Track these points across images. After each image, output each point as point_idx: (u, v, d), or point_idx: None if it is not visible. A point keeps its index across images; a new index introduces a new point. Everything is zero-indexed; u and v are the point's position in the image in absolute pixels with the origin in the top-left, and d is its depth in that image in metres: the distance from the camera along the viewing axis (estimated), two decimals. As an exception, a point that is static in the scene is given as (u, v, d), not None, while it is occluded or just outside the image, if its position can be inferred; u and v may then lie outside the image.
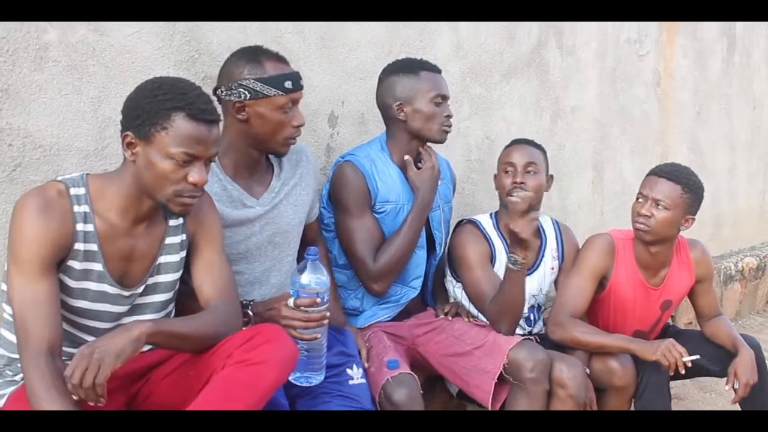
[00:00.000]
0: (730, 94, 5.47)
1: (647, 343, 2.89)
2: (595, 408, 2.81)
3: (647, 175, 3.02)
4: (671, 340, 2.83)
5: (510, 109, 3.91)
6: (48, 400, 1.82)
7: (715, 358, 3.03)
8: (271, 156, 2.57)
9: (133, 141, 2.00)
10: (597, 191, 4.49)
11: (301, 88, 2.44)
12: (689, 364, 2.82)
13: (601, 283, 3.07)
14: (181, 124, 1.97)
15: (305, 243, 2.62)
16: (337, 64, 3.13)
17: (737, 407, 3.03)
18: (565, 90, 4.20)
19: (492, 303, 2.83)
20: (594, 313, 3.10)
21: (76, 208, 2.01)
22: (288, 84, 2.38)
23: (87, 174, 2.08)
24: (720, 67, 5.33)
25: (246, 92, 2.36)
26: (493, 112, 3.83)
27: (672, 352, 2.79)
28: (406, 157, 2.84)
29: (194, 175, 2.02)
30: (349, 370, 2.54)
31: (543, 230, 3.12)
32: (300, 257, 2.54)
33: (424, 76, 2.84)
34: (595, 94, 4.41)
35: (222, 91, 2.40)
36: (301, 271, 2.22)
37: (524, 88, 3.98)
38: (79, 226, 2.01)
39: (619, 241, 3.08)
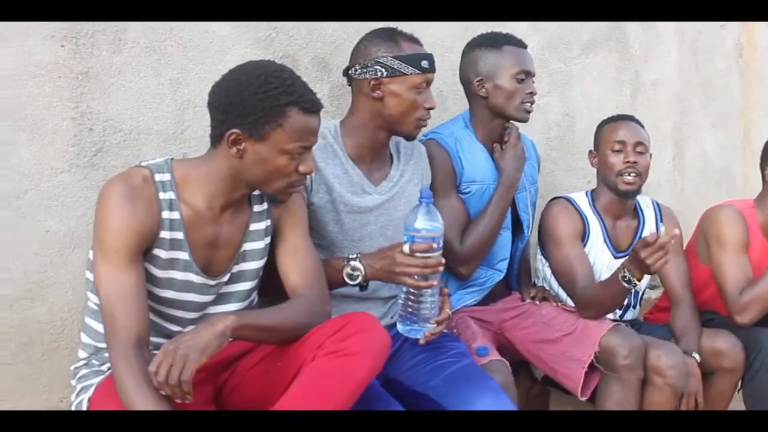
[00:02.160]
0: (816, 65, 5.24)
1: None
2: (701, 398, 2.69)
3: None
4: None
5: (590, 84, 3.77)
6: (138, 394, 1.76)
7: None
8: (390, 145, 2.53)
9: (240, 138, 1.92)
10: (677, 168, 4.31)
11: (435, 70, 2.43)
12: None
13: None
14: (296, 120, 1.93)
15: None
16: (414, 39, 3.03)
17: None
18: (645, 63, 4.04)
19: (586, 291, 2.72)
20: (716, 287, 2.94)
21: (161, 195, 1.94)
22: (424, 63, 2.38)
23: (171, 159, 2.02)
24: (805, 37, 5.10)
25: (383, 69, 2.34)
26: (572, 87, 3.70)
27: None
28: (495, 145, 2.76)
29: (305, 165, 2.00)
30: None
31: (641, 211, 2.98)
32: None
33: (508, 51, 2.74)
34: (675, 67, 4.22)
35: (356, 70, 2.38)
36: (415, 214, 2.14)
37: (604, 62, 3.83)
38: (165, 214, 1.94)
39: (743, 210, 2.95)
